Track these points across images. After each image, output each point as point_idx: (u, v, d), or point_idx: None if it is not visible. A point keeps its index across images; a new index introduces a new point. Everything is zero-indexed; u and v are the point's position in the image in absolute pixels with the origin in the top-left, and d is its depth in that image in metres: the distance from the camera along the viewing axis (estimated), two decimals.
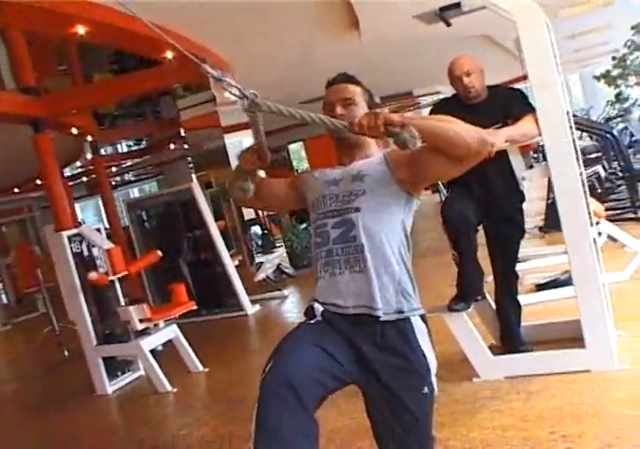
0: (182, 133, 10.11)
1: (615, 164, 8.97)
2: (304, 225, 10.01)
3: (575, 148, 3.28)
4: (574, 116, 9.09)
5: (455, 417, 3.16)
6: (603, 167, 9.07)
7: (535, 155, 11.74)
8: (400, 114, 1.72)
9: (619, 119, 13.81)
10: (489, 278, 3.83)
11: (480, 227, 3.62)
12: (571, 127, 3.30)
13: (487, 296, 3.86)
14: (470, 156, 1.78)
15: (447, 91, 3.78)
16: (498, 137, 3.22)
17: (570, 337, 3.51)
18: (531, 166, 4.03)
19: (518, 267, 5.98)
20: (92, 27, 3.70)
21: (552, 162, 3.22)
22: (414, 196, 1.91)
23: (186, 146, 11.34)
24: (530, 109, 3.25)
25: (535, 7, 3.13)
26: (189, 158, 13.13)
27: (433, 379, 1.83)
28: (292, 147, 16.28)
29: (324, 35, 5.87)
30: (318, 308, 1.84)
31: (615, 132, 8.96)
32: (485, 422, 3.03)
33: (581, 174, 3.43)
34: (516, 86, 3.93)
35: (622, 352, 3.42)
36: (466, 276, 3.49)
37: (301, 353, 1.74)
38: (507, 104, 3.36)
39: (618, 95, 14.98)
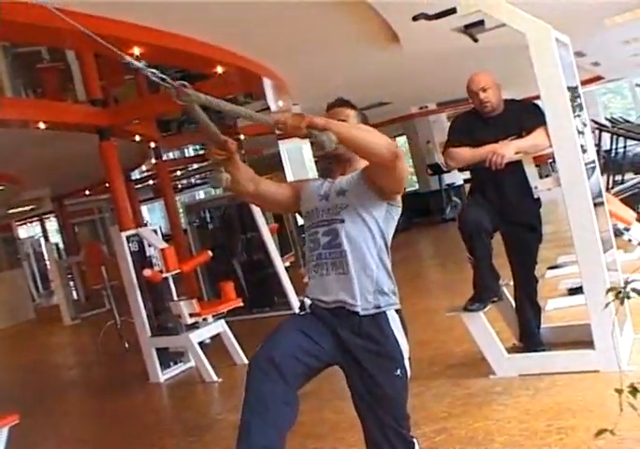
0: (242, 138, 10.59)
1: None
2: None
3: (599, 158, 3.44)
4: (626, 122, 8.96)
5: (464, 409, 3.40)
6: None
7: (553, 165, 11.62)
8: (326, 119, 1.85)
9: None
10: (511, 282, 4.00)
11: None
12: (581, 133, 3.47)
13: (509, 297, 4.06)
14: (384, 162, 1.93)
15: None
16: (509, 148, 3.46)
17: (588, 339, 3.63)
18: (547, 176, 4.16)
19: (557, 272, 6.12)
20: (147, 49, 4.13)
21: (561, 172, 3.40)
22: (395, 205, 2.14)
23: (243, 152, 11.82)
24: (541, 122, 3.44)
25: (543, 24, 3.33)
26: (245, 163, 13.58)
27: (406, 363, 2.08)
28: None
29: (369, 48, 6.16)
30: (307, 302, 2.14)
31: None
32: (491, 414, 3.26)
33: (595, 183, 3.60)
34: None
35: (636, 354, 3.57)
36: (481, 278, 3.70)
37: (286, 336, 2.06)
38: (521, 117, 3.58)
39: None
